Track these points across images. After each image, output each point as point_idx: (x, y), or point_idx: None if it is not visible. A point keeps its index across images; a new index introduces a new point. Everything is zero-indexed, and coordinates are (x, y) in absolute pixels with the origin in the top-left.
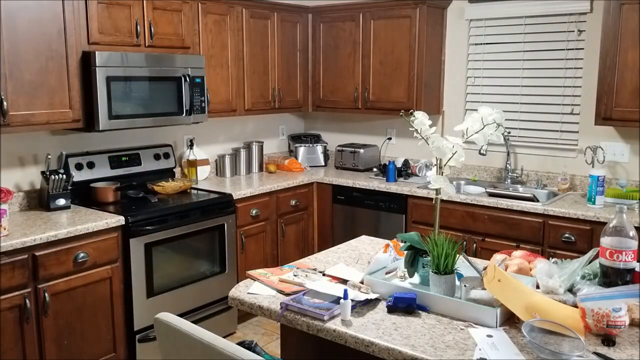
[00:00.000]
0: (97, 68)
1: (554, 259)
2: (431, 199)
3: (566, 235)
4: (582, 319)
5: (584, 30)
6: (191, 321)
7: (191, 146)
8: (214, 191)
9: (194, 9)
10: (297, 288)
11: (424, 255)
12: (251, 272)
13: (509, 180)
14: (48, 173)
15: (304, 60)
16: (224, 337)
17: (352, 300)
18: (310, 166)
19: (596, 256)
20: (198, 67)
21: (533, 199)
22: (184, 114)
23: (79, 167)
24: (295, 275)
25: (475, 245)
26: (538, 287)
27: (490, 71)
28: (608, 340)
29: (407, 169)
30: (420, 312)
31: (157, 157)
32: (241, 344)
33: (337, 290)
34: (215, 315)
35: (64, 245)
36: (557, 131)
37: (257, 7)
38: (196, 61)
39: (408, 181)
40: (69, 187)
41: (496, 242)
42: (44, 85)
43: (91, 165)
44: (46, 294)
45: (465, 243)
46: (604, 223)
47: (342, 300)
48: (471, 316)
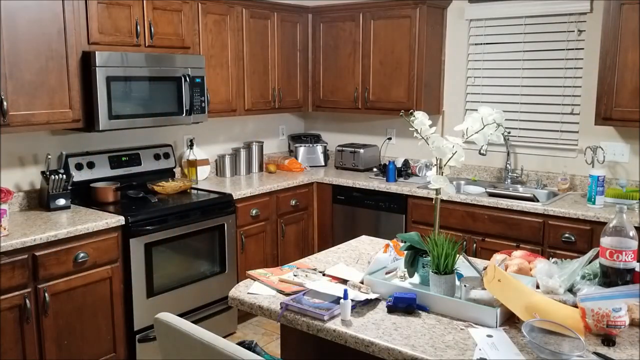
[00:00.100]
0: (97, 68)
1: (554, 259)
2: (431, 199)
3: (566, 235)
4: (582, 319)
5: (584, 30)
6: (191, 321)
7: (191, 146)
8: (214, 191)
9: (194, 9)
10: (297, 288)
11: (424, 255)
12: (251, 272)
13: (509, 180)
14: (48, 173)
15: (304, 60)
16: (224, 337)
17: (352, 300)
18: (310, 166)
19: (596, 256)
20: (198, 67)
21: (533, 199)
22: (184, 114)
23: (79, 167)
24: (295, 275)
25: (475, 245)
26: (538, 287)
27: (490, 71)
28: (608, 340)
29: (407, 169)
30: (420, 312)
31: (157, 157)
32: (241, 344)
33: (337, 290)
34: (215, 315)
35: (64, 245)
36: (557, 131)
37: (257, 7)
38: (196, 61)
39: (408, 181)
40: (69, 187)
41: (496, 242)
42: (44, 85)
43: (91, 165)
44: (46, 294)
45: (465, 243)
46: (604, 223)
47: (342, 300)
48: (471, 316)
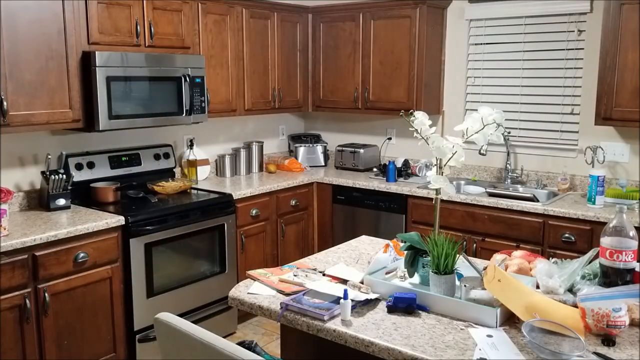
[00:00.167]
0: (97, 68)
1: (554, 259)
2: (431, 199)
3: (566, 235)
4: (582, 319)
5: (584, 30)
6: (191, 321)
7: (191, 146)
8: (214, 191)
9: (194, 9)
10: (297, 288)
11: (424, 255)
12: (251, 272)
13: (509, 180)
14: (48, 173)
15: (304, 60)
16: (224, 337)
17: (352, 300)
18: (310, 166)
19: (596, 256)
20: (198, 67)
21: (533, 199)
22: (184, 114)
23: (79, 167)
24: (295, 275)
25: (475, 245)
26: (538, 287)
27: (490, 71)
28: (608, 340)
29: (407, 169)
30: (420, 312)
31: (157, 157)
32: (241, 344)
33: (337, 290)
34: (215, 315)
35: (64, 245)
36: (557, 131)
37: (257, 7)
38: (196, 61)
39: (408, 181)
40: (69, 187)
41: (496, 242)
42: (44, 85)
43: (91, 165)
44: (46, 294)
45: (465, 243)
46: (604, 223)
47: (342, 300)
48: (471, 316)
